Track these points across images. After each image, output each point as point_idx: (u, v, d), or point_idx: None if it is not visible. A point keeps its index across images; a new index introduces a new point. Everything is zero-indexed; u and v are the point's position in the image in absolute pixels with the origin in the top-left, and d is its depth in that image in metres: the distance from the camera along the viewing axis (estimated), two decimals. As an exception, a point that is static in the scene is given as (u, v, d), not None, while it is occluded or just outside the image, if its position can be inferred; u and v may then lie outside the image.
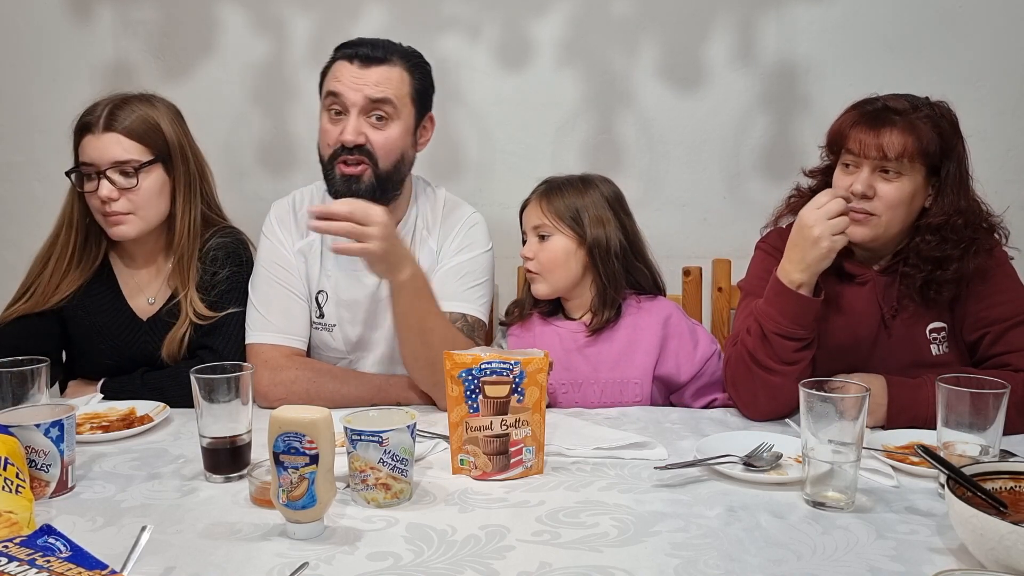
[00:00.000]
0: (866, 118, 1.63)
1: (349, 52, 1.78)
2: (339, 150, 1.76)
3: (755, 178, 2.38)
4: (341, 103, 1.76)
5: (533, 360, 1.40)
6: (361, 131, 1.75)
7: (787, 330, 1.61)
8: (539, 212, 1.85)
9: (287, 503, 1.19)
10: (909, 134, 1.60)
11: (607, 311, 1.84)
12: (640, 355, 1.84)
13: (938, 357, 1.69)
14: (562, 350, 1.85)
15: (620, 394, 1.83)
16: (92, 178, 1.75)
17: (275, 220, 1.90)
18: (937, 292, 1.65)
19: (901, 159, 1.59)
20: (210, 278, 1.84)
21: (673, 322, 1.86)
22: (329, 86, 1.79)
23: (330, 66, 1.82)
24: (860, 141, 1.61)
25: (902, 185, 1.61)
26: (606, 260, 1.83)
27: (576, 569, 1.10)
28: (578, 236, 1.83)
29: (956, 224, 1.63)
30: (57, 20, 2.42)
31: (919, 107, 1.64)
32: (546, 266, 1.84)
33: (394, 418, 1.32)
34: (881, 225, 1.63)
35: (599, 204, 1.85)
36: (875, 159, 1.61)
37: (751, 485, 1.36)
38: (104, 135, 1.74)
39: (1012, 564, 1.02)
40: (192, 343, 1.82)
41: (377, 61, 1.77)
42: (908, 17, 2.30)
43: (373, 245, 1.56)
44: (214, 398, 1.38)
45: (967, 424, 1.28)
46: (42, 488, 1.32)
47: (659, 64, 2.36)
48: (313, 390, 1.75)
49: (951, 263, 1.63)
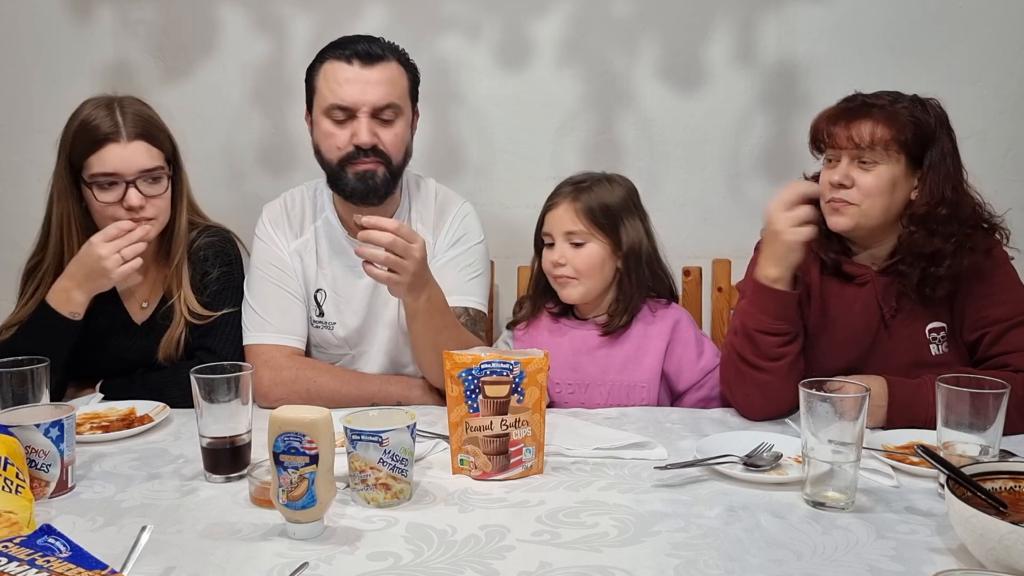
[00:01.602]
0: (842, 112, 1.67)
1: (345, 52, 1.76)
2: (352, 153, 1.76)
3: (755, 178, 2.38)
4: (349, 109, 1.75)
5: (533, 360, 1.40)
6: (374, 132, 1.76)
7: (768, 326, 1.62)
8: (572, 217, 1.81)
9: (287, 503, 1.19)
10: (884, 123, 1.62)
11: (625, 315, 1.83)
12: (648, 359, 1.83)
13: (938, 357, 1.69)
14: (571, 351, 1.85)
15: (627, 397, 1.82)
16: (110, 187, 1.72)
17: (268, 221, 1.90)
18: (932, 289, 1.65)
19: (875, 147, 1.61)
20: (201, 278, 1.84)
21: (681, 327, 1.85)
22: (334, 94, 1.75)
23: (319, 67, 1.79)
24: (834, 133, 1.65)
25: (879, 173, 1.63)
26: (638, 267, 1.82)
27: (576, 569, 1.10)
28: (613, 243, 1.81)
29: (940, 215, 1.63)
30: (57, 20, 2.42)
31: (899, 100, 1.66)
32: (584, 272, 1.81)
33: (394, 418, 1.32)
34: (859, 213, 1.65)
35: (630, 208, 1.84)
36: (851, 149, 1.63)
37: (751, 485, 1.36)
38: (131, 143, 1.72)
39: (1012, 564, 1.02)
40: (189, 344, 1.82)
41: (377, 58, 1.76)
42: (908, 17, 2.30)
43: (403, 278, 1.56)
44: (214, 398, 1.38)
45: (967, 424, 1.28)
46: (42, 488, 1.32)
47: (659, 64, 2.36)
48: (313, 390, 1.76)
49: (943, 259, 1.63)
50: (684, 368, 1.84)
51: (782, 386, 1.61)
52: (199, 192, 1.96)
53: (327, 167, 1.81)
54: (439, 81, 2.30)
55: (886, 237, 1.70)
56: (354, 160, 1.76)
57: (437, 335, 1.69)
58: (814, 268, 1.75)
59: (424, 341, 1.71)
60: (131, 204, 1.72)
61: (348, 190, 1.79)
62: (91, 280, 1.70)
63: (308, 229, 1.90)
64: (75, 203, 1.77)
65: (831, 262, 1.73)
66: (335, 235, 1.89)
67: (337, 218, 1.89)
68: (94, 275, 1.69)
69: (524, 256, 2.17)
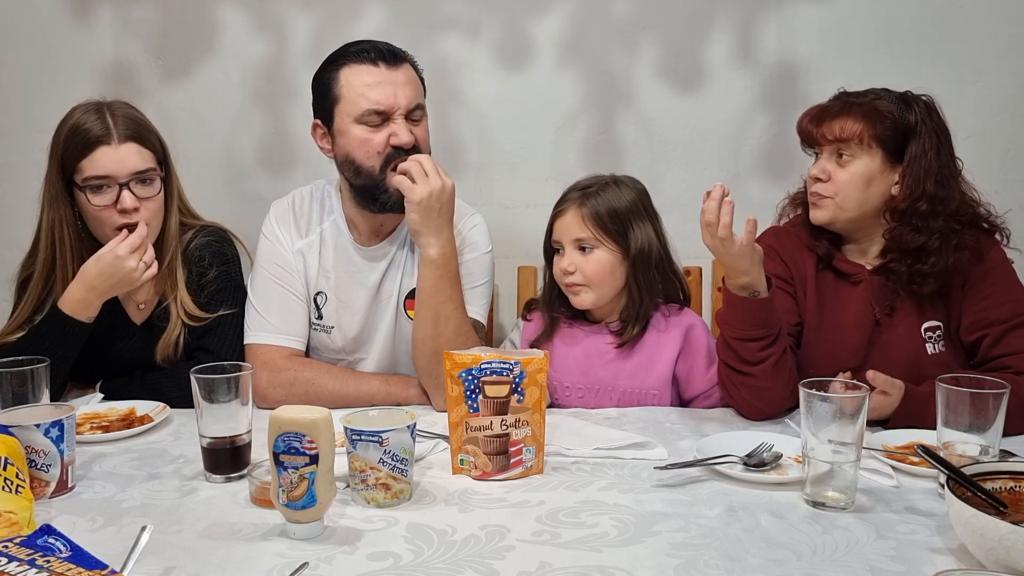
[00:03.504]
0: (823, 110, 1.70)
1: (369, 55, 1.75)
2: (392, 154, 1.75)
3: (755, 178, 2.37)
4: (384, 112, 1.74)
5: (533, 360, 1.40)
6: (411, 131, 1.77)
7: (745, 332, 1.62)
8: (580, 224, 1.78)
9: (287, 503, 1.19)
10: (859, 118, 1.65)
11: (638, 323, 1.80)
12: (661, 366, 1.81)
13: (934, 356, 1.69)
14: (583, 355, 1.83)
15: (638, 404, 1.80)
16: (103, 191, 1.72)
17: (275, 220, 1.90)
18: (920, 286, 1.66)
19: (849, 141, 1.64)
20: (197, 279, 1.84)
21: (695, 334, 1.82)
22: (366, 98, 1.73)
23: (337, 74, 1.76)
24: (810, 131, 1.70)
25: (854, 167, 1.66)
26: (647, 273, 1.80)
27: (576, 569, 1.10)
28: (622, 249, 1.79)
29: (920, 210, 1.63)
30: (57, 20, 2.42)
31: (882, 96, 1.67)
32: (594, 279, 1.79)
33: (394, 418, 1.32)
34: (834, 206, 1.68)
35: (639, 212, 1.81)
36: (828, 144, 1.67)
37: (751, 485, 1.36)
38: (122, 146, 1.72)
39: (1012, 564, 1.02)
40: (188, 345, 1.82)
41: (400, 59, 1.78)
42: (908, 17, 2.30)
43: (420, 188, 1.68)
44: (214, 398, 1.38)
45: (967, 424, 1.28)
46: (42, 488, 1.32)
47: (659, 64, 2.36)
48: (313, 391, 1.76)
49: (929, 255, 1.64)
50: (694, 376, 1.81)
51: (771, 386, 1.62)
52: (199, 192, 1.96)
53: (363, 176, 1.77)
54: (439, 81, 2.29)
55: (872, 232, 1.71)
56: (396, 160, 1.75)
57: (441, 304, 1.70)
58: (810, 264, 1.76)
59: (429, 301, 1.70)
60: (125, 206, 1.71)
61: (388, 204, 1.77)
62: (116, 289, 1.72)
63: (314, 230, 1.89)
64: (67, 208, 1.76)
65: (823, 255, 1.75)
66: (341, 239, 1.88)
67: (345, 222, 1.88)
68: (121, 285, 1.71)
69: (523, 256, 2.17)
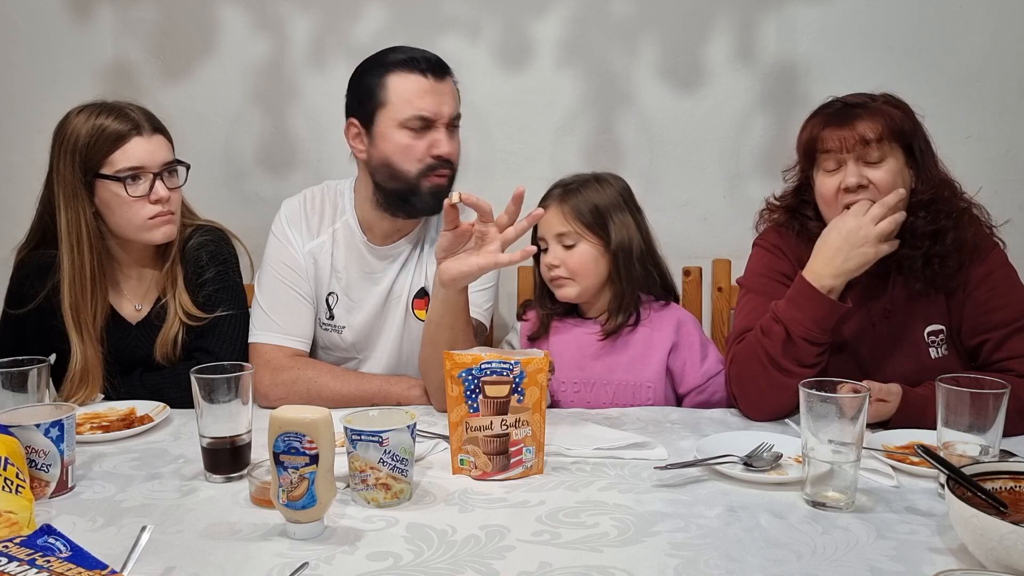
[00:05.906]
0: (832, 117, 1.67)
1: (418, 65, 1.76)
2: (433, 163, 1.77)
3: (755, 178, 2.37)
4: (430, 120, 1.75)
5: (533, 360, 1.40)
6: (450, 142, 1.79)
7: (814, 335, 1.60)
8: (561, 220, 1.82)
9: (287, 503, 1.19)
10: (878, 118, 1.63)
11: (622, 315, 1.83)
12: (655, 359, 1.83)
13: (938, 361, 1.68)
14: (577, 350, 1.85)
15: (632, 397, 1.82)
16: (138, 181, 1.74)
17: (285, 219, 1.90)
18: (941, 265, 1.64)
19: (881, 142, 1.62)
20: (195, 278, 1.84)
21: (686, 329, 1.86)
22: (413, 106, 1.74)
23: (384, 79, 1.76)
24: (838, 137, 1.63)
25: (888, 167, 1.64)
26: (628, 264, 1.82)
27: (576, 569, 1.10)
28: (603, 242, 1.82)
29: (944, 196, 1.66)
30: (57, 20, 2.42)
31: (874, 98, 1.68)
32: (577, 272, 1.82)
33: (394, 418, 1.32)
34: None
35: (619, 206, 1.84)
36: (856, 149, 1.62)
37: (751, 485, 1.36)
38: (153, 136, 1.76)
39: (1012, 564, 1.02)
40: (187, 345, 1.82)
41: (446, 72, 1.79)
42: (908, 17, 2.30)
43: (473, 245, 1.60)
44: (214, 398, 1.38)
45: (967, 424, 1.28)
46: (42, 488, 1.32)
47: (659, 64, 2.36)
48: (314, 390, 1.76)
49: (947, 234, 1.64)
50: (687, 370, 1.83)
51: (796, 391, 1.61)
52: (199, 192, 1.96)
53: (399, 180, 1.78)
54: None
55: None
56: (433, 171, 1.77)
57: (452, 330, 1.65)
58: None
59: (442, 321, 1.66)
60: (160, 196, 1.75)
61: (424, 207, 1.80)
62: None
63: (326, 231, 1.89)
64: (86, 204, 1.75)
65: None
66: (353, 240, 1.88)
67: (357, 223, 1.89)
68: None
69: (523, 256, 2.16)
